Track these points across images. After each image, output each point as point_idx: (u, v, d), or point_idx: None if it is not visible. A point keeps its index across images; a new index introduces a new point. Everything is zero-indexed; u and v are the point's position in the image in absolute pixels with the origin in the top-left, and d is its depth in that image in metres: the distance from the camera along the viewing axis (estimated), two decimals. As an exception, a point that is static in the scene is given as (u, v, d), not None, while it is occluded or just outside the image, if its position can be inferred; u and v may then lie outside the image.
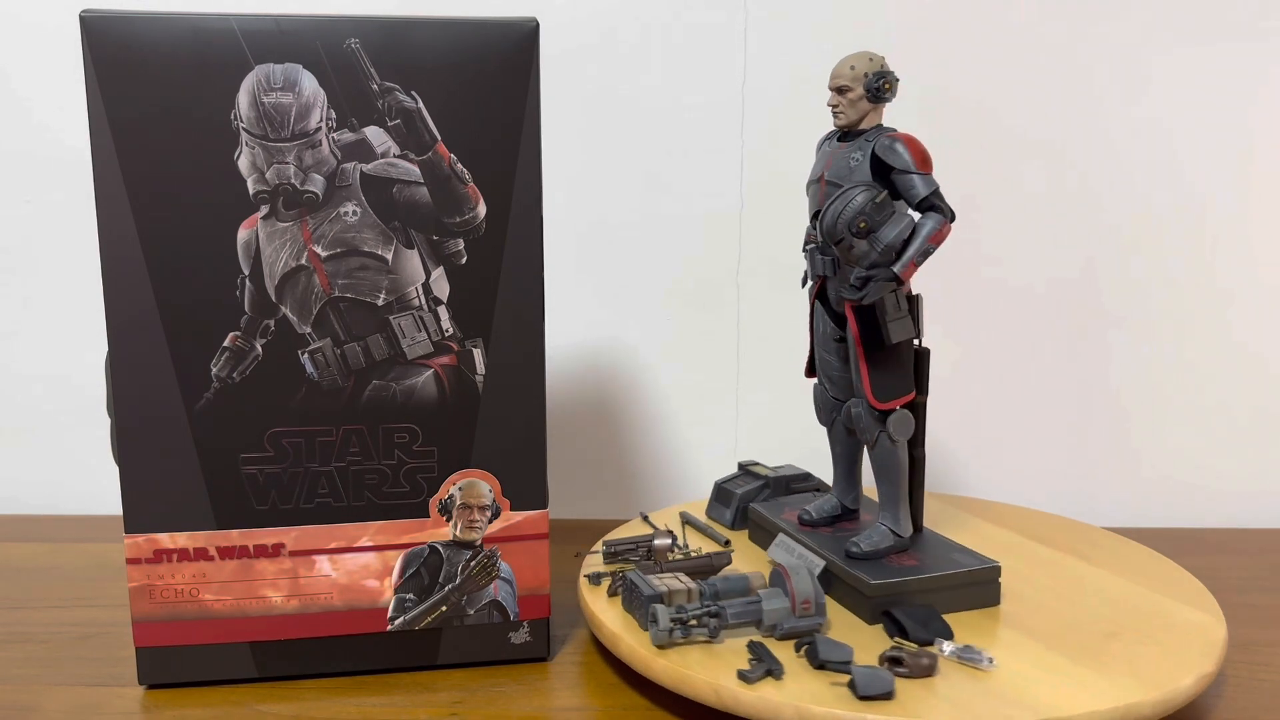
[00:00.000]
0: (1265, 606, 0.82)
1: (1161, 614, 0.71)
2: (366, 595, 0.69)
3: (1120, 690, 0.61)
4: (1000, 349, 1.06)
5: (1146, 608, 0.72)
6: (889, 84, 0.71)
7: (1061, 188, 1.03)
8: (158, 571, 0.67)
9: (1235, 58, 1.01)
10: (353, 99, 0.64)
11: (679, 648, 0.65)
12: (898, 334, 0.72)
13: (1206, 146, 1.02)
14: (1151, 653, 0.65)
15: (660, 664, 0.64)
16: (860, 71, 0.71)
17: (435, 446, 0.69)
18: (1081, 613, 0.71)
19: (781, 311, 1.05)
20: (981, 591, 0.72)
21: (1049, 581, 0.76)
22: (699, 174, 1.03)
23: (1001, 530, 0.87)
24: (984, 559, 0.73)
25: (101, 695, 0.68)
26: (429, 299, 0.67)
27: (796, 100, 1.02)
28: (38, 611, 0.80)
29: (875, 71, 0.71)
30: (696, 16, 1.01)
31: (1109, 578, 0.77)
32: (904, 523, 0.74)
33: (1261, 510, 1.06)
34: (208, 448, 0.66)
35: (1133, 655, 0.65)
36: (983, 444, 1.07)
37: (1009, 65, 1.02)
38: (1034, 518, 0.91)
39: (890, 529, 0.74)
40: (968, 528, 0.86)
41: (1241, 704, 0.67)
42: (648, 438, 1.08)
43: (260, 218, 0.65)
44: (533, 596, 0.71)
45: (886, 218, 0.69)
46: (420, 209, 0.66)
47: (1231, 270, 1.04)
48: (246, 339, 0.66)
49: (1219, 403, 1.06)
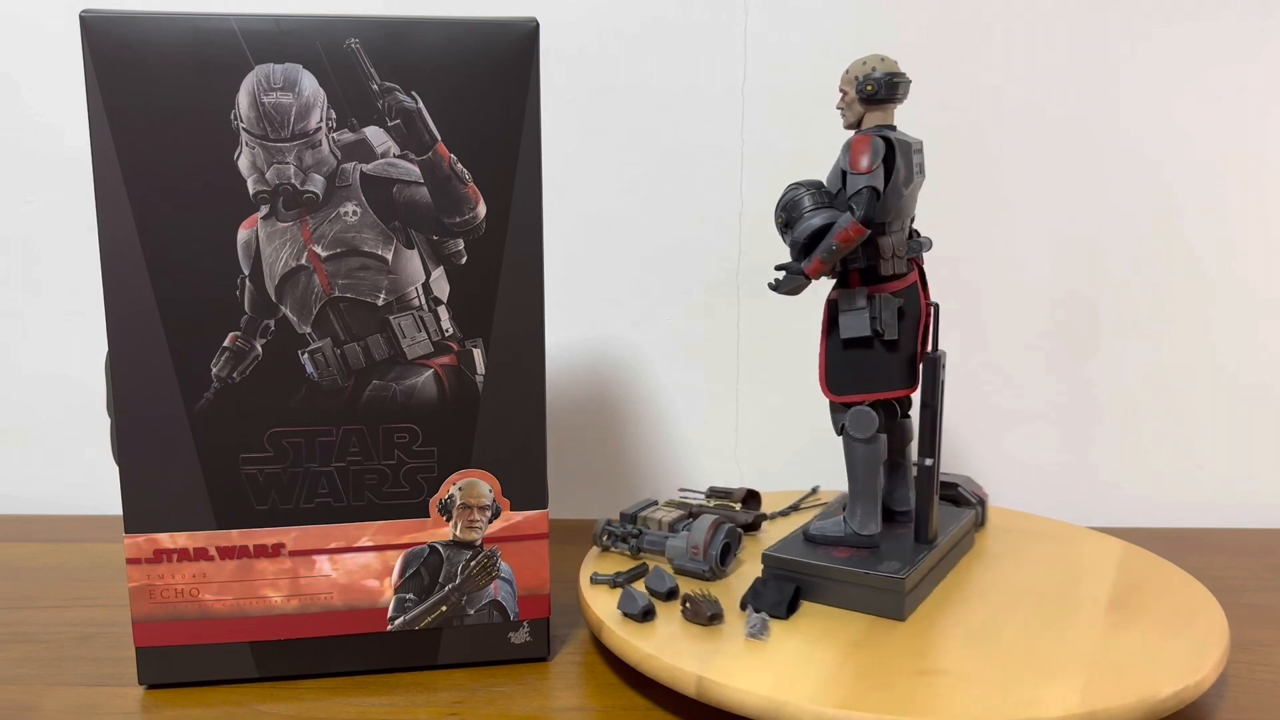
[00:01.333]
0: (1265, 606, 0.82)
1: (1159, 615, 0.71)
2: (366, 595, 0.69)
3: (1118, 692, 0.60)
4: (1001, 349, 1.06)
5: (1145, 608, 0.72)
6: (873, 86, 0.71)
7: (1069, 188, 1.03)
8: (158, 571, 0.67)
9: (1248, 59, 1.01)
10: (353, 99, 0.64)
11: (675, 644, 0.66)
12: (847, 329, 0.73)
13: (1221, 149, 1.02)
14: (1150, 655, 0.65)
15: (654, 662, 0.64)
16: (851, 75, 0.73)
17: (435, 446, 0.69)
18: (1080, 613, 0.71)
19: (781, 311, 1.05)
20: (882, 599, 0.70)
21: (1046, 581, 0.77)
22: (699, 174, 1.03)
23: (1002, 530, 0.87)
24: (896, 570, 0.71)
25: (101, 695, 0.68)
26: (429, 299, 0.67)
27: (796, 100, 1.02)
28: (38, 611, 0.80)
29: (864, 75, 0.72)
30: (696, 16, 1.01)
31: (1106, 579, 0.78)
32: (865, 521, 0.75)
33: (1261, 510, 1.06)
34: (208, 448, 0.66)
35: (1130, 658, 0.65)
36: (982, 444, 1.07)
37: (1017, 64, 1.02)
38: (1030, 520, 0.91)
39: (847, 521, 0.75)
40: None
41: (1241, 704, 0.67)
42: (648, 438, 1.08)
43: (260, 218, 0.65)
44: (533, 596, 0.71)
45: (799, 215, 0.72)
46: (420, 209, 0.66)
47: (1233, 271, 1.04)
48: (246, 339, 0.66)
49: (1219, 403, 1.06)
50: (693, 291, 1.05)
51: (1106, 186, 1.03)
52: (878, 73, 0.71)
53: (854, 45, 1.01)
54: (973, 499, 0.85)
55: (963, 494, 0.86)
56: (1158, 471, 1.07)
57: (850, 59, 0.74)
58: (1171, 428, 1.06)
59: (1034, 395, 1.06)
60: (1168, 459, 1.07)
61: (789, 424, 1.06)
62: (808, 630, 0.68)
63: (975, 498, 0.86)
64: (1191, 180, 1.03)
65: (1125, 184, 1.03)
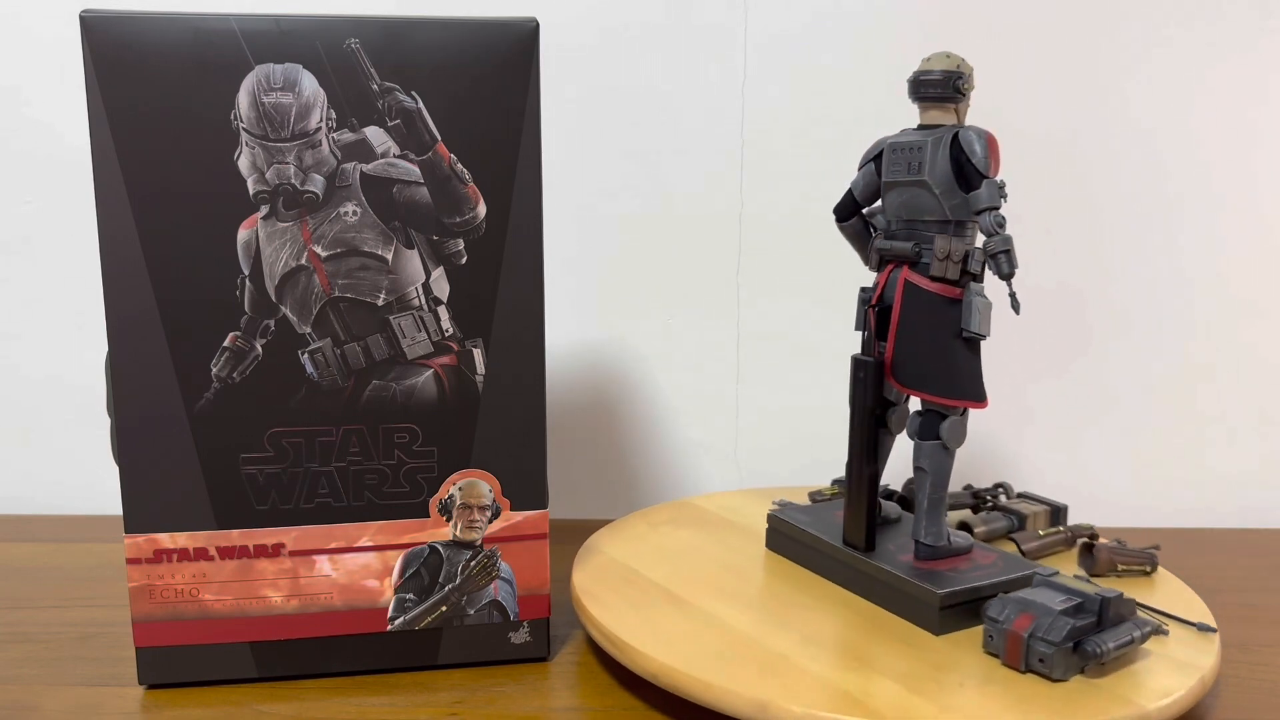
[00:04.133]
0: (1265, 606, 0.82)
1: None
2: (366, 595, 0.69)
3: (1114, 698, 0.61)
4: (1001, 349, 1.06)
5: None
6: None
7: (1066, 188, 1.03)
8: (158, 571, 0.67)
9: (1241, 59, 1.01)
10: (353, 99, 0.64)
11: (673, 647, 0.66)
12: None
13: (1217, 146, 1.02)
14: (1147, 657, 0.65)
15: (657, 664, 0.64)
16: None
17: (435, 446, 0.69)
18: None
19: (781, 312, 1.05)
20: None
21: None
22: (699, 174, 1.03)
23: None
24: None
25: (101, 695, 0.68)
26: (429, 299, 0.67)
27: (797, 100, 1.02)
28: (38, 611, 0.80)
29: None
30: (696, 16, 1.01)
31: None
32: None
33: (1261, 510, 1.06)
34: (208, 448, 0.66)
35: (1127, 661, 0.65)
36: (982, 444, 1.07)
37: (1013, 64, 1.02)
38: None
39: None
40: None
41: (1240, 704, 0.67)
42: (648, 438, 1.08)
43: (260, 218, 0.65)
44: (533, 596, 0.71)
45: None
46: (420, 209, 0.66)
47: (1235, 271, 1.04)
48: (246, 339, 0.66)
49: (1220, 403, 1.06)
50: (693, 291, 1.05)
51: (1112, 186, 1.03)
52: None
53: (854, 45, 1.01)
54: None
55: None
56: (1157, 471, 1.07)
57: (850, 59, 0.74)
58: (1171, 428, 1.06)
59: (1033, 395, 1.06)
60: (1167, 459, 1.06)
61: (789, 424, 1.06)
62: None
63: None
64: (1188, 180, 1.03)
65: (1131, 184, 1.03)
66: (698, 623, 0.69)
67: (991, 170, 0.69)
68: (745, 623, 0.69)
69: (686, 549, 0.82)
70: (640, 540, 0.84)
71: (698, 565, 0.79)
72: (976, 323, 0.70)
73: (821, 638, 0.67)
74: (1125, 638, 0.62)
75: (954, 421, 0.73)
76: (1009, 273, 0.68)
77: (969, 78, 0.71)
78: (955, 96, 0.71)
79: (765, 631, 0.68)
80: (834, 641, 0.67)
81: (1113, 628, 0.62)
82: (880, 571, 0.72)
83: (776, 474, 1.07)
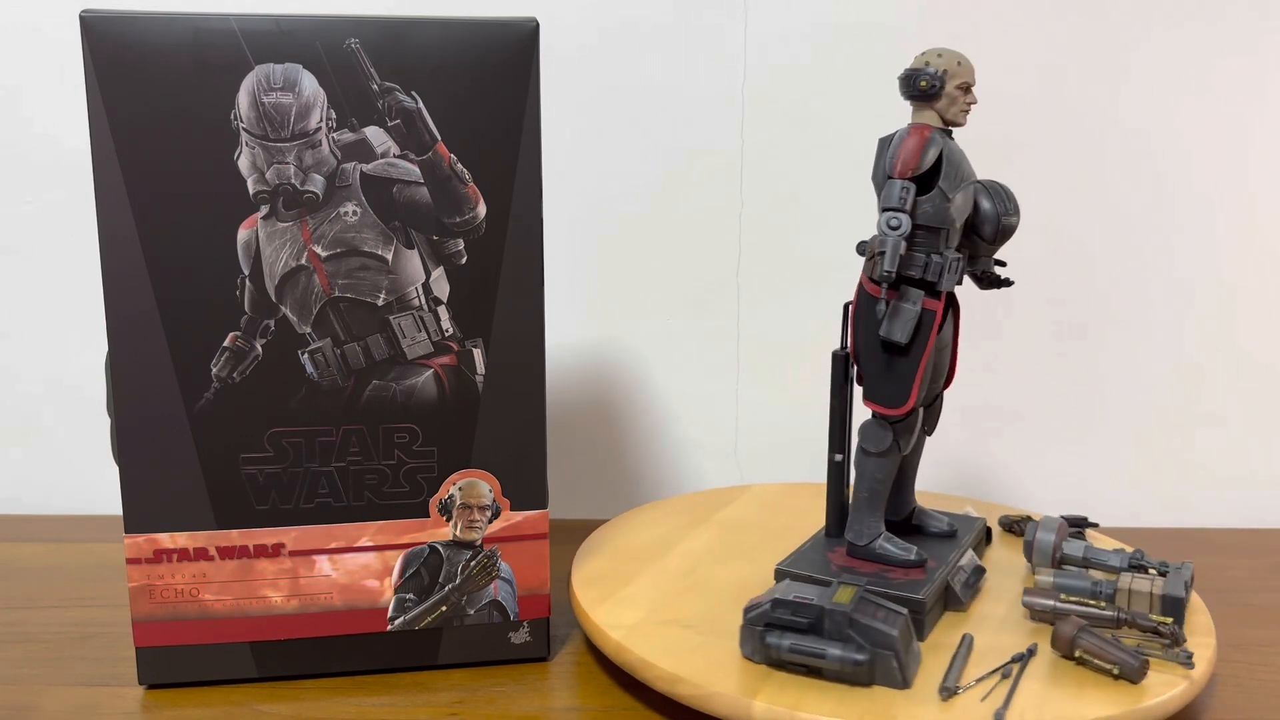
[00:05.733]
0: (1265, 606, 0.82)
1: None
2: (366, 595, 0.69)
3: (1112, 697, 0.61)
4: (1000, 349, 1.06)
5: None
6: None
7: (1064, 188, 1.03)
8: (158, 571, 0.67)
9: (1241, 59, 1.01)
10: (353, 99, 0.64)
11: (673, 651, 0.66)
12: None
13: (1214, 146, 1.02)
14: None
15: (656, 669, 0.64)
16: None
17: (435, 446, 0.69)
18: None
19: (781, 312, 1.05)
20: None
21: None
22: (699, 174, 1.03)
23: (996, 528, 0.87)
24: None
25: (101, 695, 0.68)
26: (429, 299, 0.67)
27: (797, 100, 1.02)
28: (38, 611, 0.80)
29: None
30: (696, 17, 1.01)
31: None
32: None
33: (1261, 510, 1.06)
34: (208, 448, 0.66)
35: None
36: (981, 444, 1.07)
37: (1010, 63, 1.02)
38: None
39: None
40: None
41: (1240, 704, 0.67)
42: (648, 438, 1.08)
43: (260, 218, 0.65)
44: (533, 596, 0.71)
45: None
46: (420, 209, 0.66)
47: (1234, 271, 1.04)
48: (246, 339, 0.66)
49: (1219, 403, 1.06)
50: (693, 291, 1.05)
51: (1108, 185, 1.03)
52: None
53: (854, 45, 1.01)
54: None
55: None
56: (1157, 471, 1.07)
57: (850, 59, 0.74)
58: (1171, 427, 1.06)
59: (1033, 395, 1.06)
60: (1167, 458, 1.06)
61: (789, 425, 1.06)
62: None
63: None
64: (1186, 180, 1.03)
65: (1122, 183, 1.03)
66: (698, 623, 0.69)
67: (897, 171, 0.67)
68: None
69: (686, 549, 0.82)
70: (640, 540, 0.84)
71: (698, 566, 0.79)
72: (888, 327, 0.69)
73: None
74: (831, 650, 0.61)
75: (866, 424, 0.73)
76: (883, 276, 0.66)
77: (939, 76, 0.68)
78: (921, 95, 0.69)
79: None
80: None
81: (835, 640, 0.62)
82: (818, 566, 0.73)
83: (776, 474, 1.07)
